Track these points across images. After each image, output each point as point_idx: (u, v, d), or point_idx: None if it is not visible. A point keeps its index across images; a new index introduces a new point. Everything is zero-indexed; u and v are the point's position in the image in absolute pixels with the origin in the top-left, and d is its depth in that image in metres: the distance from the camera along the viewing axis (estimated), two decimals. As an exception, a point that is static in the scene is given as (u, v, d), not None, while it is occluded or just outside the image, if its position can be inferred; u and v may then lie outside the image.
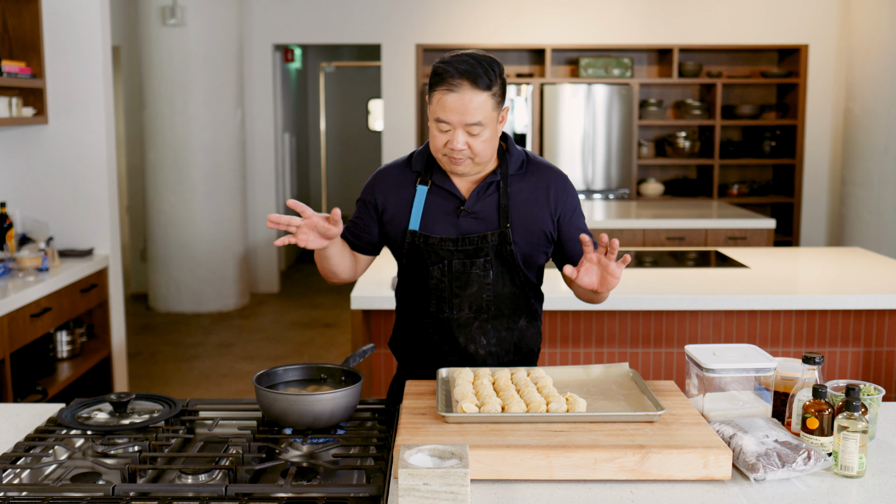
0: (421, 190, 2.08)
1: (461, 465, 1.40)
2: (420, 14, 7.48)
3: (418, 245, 2.06)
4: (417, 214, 2.07)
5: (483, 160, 2.02)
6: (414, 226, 2.07)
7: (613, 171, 7.34)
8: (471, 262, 2.05)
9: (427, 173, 2.09)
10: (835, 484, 1.56)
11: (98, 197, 4.20)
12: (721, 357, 1.82)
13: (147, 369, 5.50)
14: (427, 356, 2.15)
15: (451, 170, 2.04)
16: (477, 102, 1.94)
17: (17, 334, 3.39)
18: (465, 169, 2.02)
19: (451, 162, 2.00)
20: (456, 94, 1.93)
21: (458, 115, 1.94)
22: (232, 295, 7.16)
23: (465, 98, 1.93)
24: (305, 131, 10.44)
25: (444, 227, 2.06)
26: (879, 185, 6.55)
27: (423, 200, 2.08)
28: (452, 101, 1.94)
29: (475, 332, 2.09)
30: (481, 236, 2.04)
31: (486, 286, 2.06)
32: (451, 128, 1.96)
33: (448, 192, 2.07)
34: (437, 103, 1.97)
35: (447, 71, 1.94)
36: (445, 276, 2.06)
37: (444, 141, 1.98)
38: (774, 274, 3.72)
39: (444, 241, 2.05)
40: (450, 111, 1.94)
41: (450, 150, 1.98)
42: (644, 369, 3.40)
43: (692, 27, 7.46)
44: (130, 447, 1.69)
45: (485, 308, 2.08)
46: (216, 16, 6.81)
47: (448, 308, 2.08)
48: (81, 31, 4.11)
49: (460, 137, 1.96)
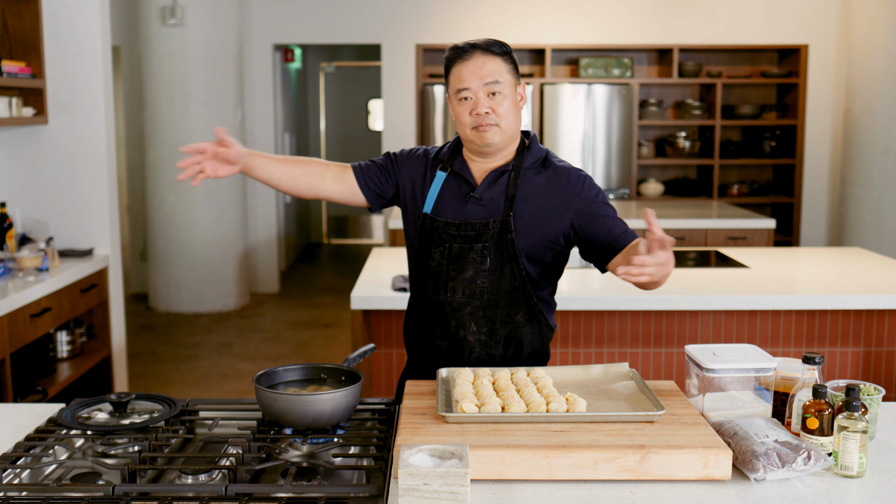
0: (440, 176, 2.14)
1: (461, 465, 1.40)
2: (420, 14, 7.48)
3: (427, 227, 2.12)
4: (432, 198, 2.13)
5: (509, 128, 2.05)
6: (427, 209, 2.13)
7: (613, 171, 7.34)
8: (469, 247, 2.07)
9: (449, 161, 2.15)
10: (835, 484, 1.56)
11: (98, 197, 4.20)
12: (721, 357, 1.82)
13: (147, 369, 5.50)
14: (424, 341, 2.18)
15: (482, 143, 2.05)
16: (492, 65, 2.03)
17: (17, 334, 3.39)
18: (496, 138, 2.05)
19: (481, 130, 2.03)
20: (470, 61, 2.04)
21: (476, 79, 2.02)
22: (232, 295, 7.16)
23: (480, 61, 2.03)
24: (305, 131, 10.44)
25: (452, 212, 2.11)
26: (879, 185, 6.55)
27: (439, 185, 2.14)
28: (468, 67, 2.04)
29: (466, 317, 2.10)
30: (483, 223, 2.07)
31: (481, 272, 2.07)
32: (471, 94, 2.03)
33: (463, 179, 2.13)
34: (455, 77, 2.06)
35: (458, 47, 2.07)
36: (445, 258, 2.10)
37: (469, 110, 2.04)
38: (774, 274, 3.72)
39: (448, 225, 2.09)
40: (467, 78, 2.03)
41: (476, 117, 2.03)
42: (644, 369, 3.40)
43: (692, 27, 7.46)
44: (130, 447, 1.69)
45: (478, 294, 2.08)
46: (216, 16, 6.81)
47: (443, 290, 2.11)
48: (81, 31, 4.11)
49: (483, 101, 2.02)
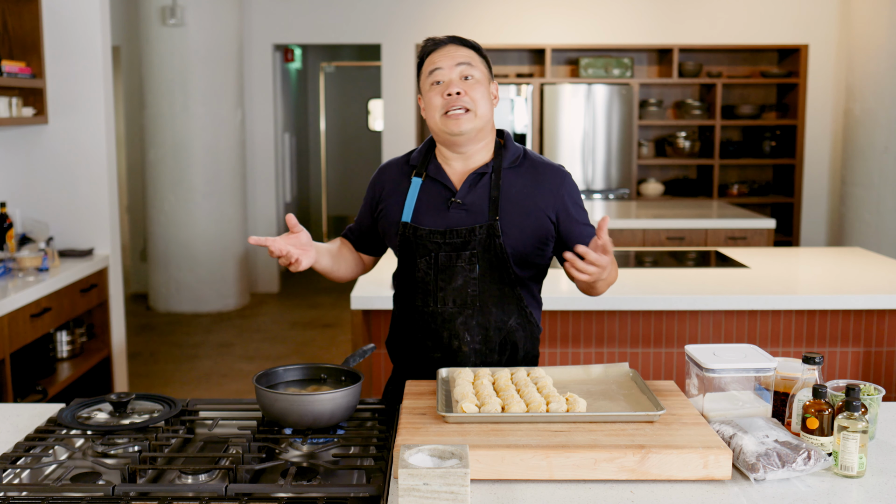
0: (415, 182, 2.07)
1: (461, 465, 1.40)
2: (420, 14, 7.48)
3: (408, 237, 2.04)
4: (410, 206, 2.05)
5: (483, 116, 2.00)
6: (406, 217, 2.05)
7: (613, 171, 7.34)
8: (457, 255, 2.01)
9: (423, 166, 2.08)
10: (835, 484, 1.56)
11: (98, 197, 4.20)
12: (721, 357, 1.82)
13: (147, 369, 5.50)
14: (414, 353, 2.12)
15: (452, 131, 1.99)
16: (464, 52, 2.02)
17: (17, 334, 3.39)
18: (467, 126, 1.98)
19: (451, 117, 1.98)
20: (444, 49, 2.03)
21: (448, 60, 2.00)
22: (232, 295, 7.16)
23: (452, 49, 2.02)
24: (305, 131, 10.44)
25: (434, 220, 2.03)
26: (879, 185, 6.55)
27: (416, 192, 2.06)
28: (441, 53, 2.02)
29: (459, 327, 2.04)
30: (469, 229, 2.00)
31: (471, 280, 2.02)
32: (444, 76, 2.00)
33: (441, 184, 2.05)
34: (428, 63, 2.04)
35: (432, 38, 2.06)
36: (431, 268, 2.03)
37: (441, 92, 2.00)
38: (774, 274, 3.72)
39: (432, 234, 2.02)
40: (439, 60, 2.01)
41: (447, 99, 1.98)
42: (644, 369, 3.40)
43: (692, 27, 7.46)
44: (130, 447, 1.69)
45: (469, 303, 2.03)
46: (216, 16, 6.81)
47: (433, 302, 2.04)
48: (81, 31, 4.11)
49: (456, 82, 1.99)
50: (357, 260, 2.23)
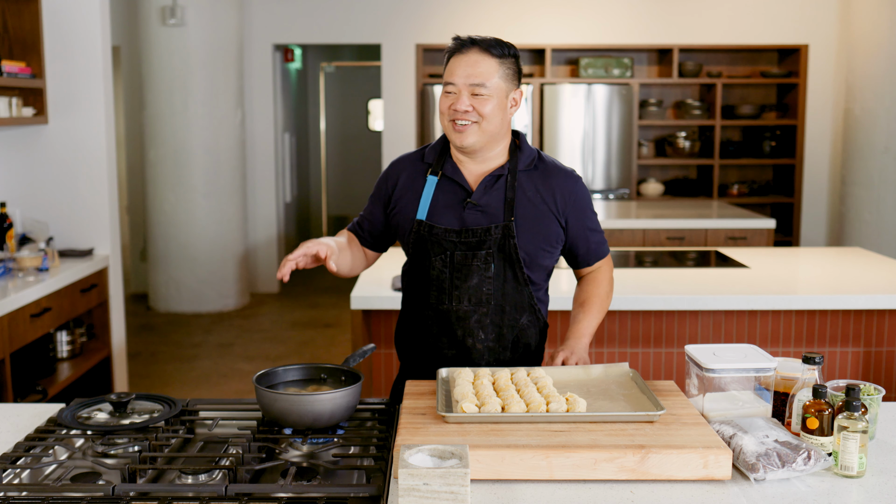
0: (431, 180, 2.10)
1: (461, 465, 1.40)
2: (420, 14, 7.48)
3: (423, 235, 2.07)
4: (426, 204, 2.08)
5: (490, 130, 2.02)
6: (421, 215, 2.08)
7: (613, 171, 7.34)
8: (472, 255, 2.04)
9: (439, 164, 2.11)
10: (835, 484, 1.56)
11: (98, 197, 4.20)
12: (721, 357, 1.82)
13: (147, 369, 5.50)
14: (426, 350, 2.14)
15: (457, 141, 2.03)
16: (485, 66, 1.98)
17: (17, 334, 3.39)
18: (472, 139, 2.01)
19: (456, 129, 2.01)
20: (464, 56, 2.00)
21: (463, 77, 1.99)
22: (232, 295, 7.16)
23: (473, 59, 1.99)
24: (305, 131, 10.43)
25: (449, 219, 2.07)
26: (879, 185, 6.55)
27: (432, 190, 2.09)
28: (461, 61, 2.00)
29: (474, 325, 2.08)
30: (485, 229, 2.04)
31: (486, 279, 2.05)
32: (455, 90, 2.00)
33: (456, 184, 2.08)
34: (448, 68, 2.02)
35: (459, 39, 2.02)
36: (447, 266, 2.06)
37: (449, 103, 2.01)
38: (774, 274, 3.72)
39: (448, 232, 2.05)
40: (456, 72, 2.00)
41: (453, 112, 2.00)
42: (644, 369, 3.39)
43: (692, 27, 7.46)
44: (130, 447, 1.69)
45: (484, 301, 2.07)
46: (216, 16, 6.81)
47: (448, 300, 2.07)
48: (81, 31, 4.11)
49: (465, 100, 1.99)
50: (362, 256, 2.25)
